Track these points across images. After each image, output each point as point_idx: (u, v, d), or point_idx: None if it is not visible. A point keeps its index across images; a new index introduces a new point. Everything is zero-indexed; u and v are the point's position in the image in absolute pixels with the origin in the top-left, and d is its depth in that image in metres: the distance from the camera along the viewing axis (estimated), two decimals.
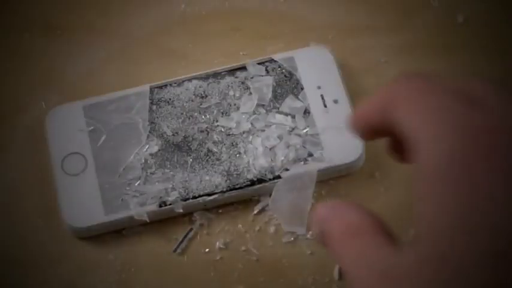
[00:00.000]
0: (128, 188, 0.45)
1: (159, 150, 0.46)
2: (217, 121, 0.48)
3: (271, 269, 0.43)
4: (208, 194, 0.45)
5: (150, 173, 0.45)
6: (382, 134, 0.23)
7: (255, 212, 0.46)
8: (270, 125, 0.47)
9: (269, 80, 0.49)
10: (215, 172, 0.45)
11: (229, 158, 0.46)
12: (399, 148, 0.23)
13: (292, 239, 0.44)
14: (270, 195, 0.46)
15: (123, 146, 0.46)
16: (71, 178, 0.46)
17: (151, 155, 0.46)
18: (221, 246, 0.44)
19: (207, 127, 0.47)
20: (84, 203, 0.45)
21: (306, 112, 0.48)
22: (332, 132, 0.46)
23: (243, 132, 0.47)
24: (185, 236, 0.45)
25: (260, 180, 0.45)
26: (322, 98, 0.48)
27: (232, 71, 0.50)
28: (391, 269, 0.18)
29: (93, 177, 0.45)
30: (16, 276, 0.45)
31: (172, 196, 0.44)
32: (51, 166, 0.46)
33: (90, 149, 0.46)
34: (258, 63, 0.50)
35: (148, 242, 0.45)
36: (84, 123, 0.47)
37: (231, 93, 0.49)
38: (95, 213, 0.44)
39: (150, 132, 0.47)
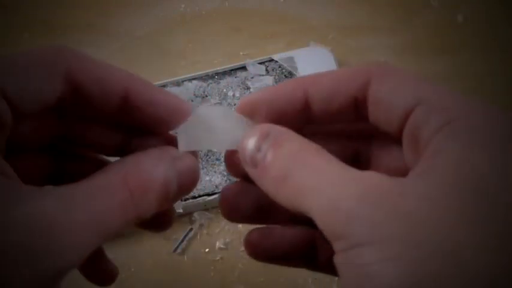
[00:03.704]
0: None
1: None
2: None
3: (271, 269, 0.43)
4: (208, 194, 0.45)
5: None
6: None
7: None
8: None
9: (269, 80, 0.49)
10: (215, 172, 0.45)
11: None
12: None
13: None
14: None
15: None
16: None
17: None
18: (221, 246, 0.44)
19: None
20: None
21: None
22: None
23: None
24: (185, 236, 0.45)
25: None
26: None
27: (232, 71, 0.50)
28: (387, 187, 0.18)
29: None
30: None
31: None
32: None
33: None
34: (258, 63, 0.50)
35: (148, 242, 0.45)
36: None
37: (231, 93, 0.49)
38: None
39: None
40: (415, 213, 0.17)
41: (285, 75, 0.49)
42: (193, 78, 0.50)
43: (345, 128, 0.25)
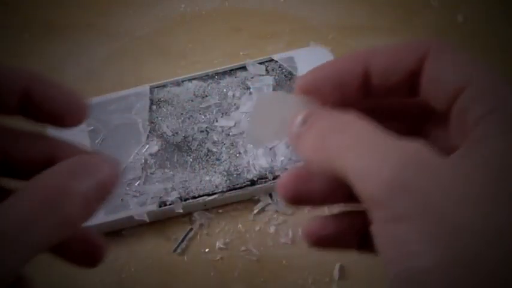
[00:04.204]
0: (127, 188, 0.45)
1: (159, 150, 0.46)
2: (217, 121, 0.48)
3: (271, 269, 0.43)
4: (208, 194, 0.45)
5: (150, 173, 0.45)
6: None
7: (255, 212, 0.46)
8: None
9: (269, 80, 0.49)
10: (215, 172, 0.45)
11: (229, 158, 0.46)
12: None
13: (291, 235, 0.44)
14: (270, 195, 0.46)
15: (123, 146, 0.46)
16: None
17: (151, 155, 0.46)
18: (221, 246, 0.44)
19: (207, 127, 0.47)
20: None
21: None
22: None
23: (243, 132, 0.47)
24: (185, 236, 0.45)
25: (260, 180, 0.45)
26: None
27: (232, 71, 0.50)
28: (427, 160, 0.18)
29: None
30: None
31: (172, 196, 0.44)
32: None
33: (90, 149, 0.46)
34: (258, 63, 0.50)
35: (148, 242, 0.45)
36: (84, 123, 0.47)
37: (231, 93, 0.49)
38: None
39: (150, 132, 0.47)
40: (454, 195, 0.17)
41: (284, 75, 0.49)
42: (193, 78, 0.50)
43: (398, 103, 0.25)
